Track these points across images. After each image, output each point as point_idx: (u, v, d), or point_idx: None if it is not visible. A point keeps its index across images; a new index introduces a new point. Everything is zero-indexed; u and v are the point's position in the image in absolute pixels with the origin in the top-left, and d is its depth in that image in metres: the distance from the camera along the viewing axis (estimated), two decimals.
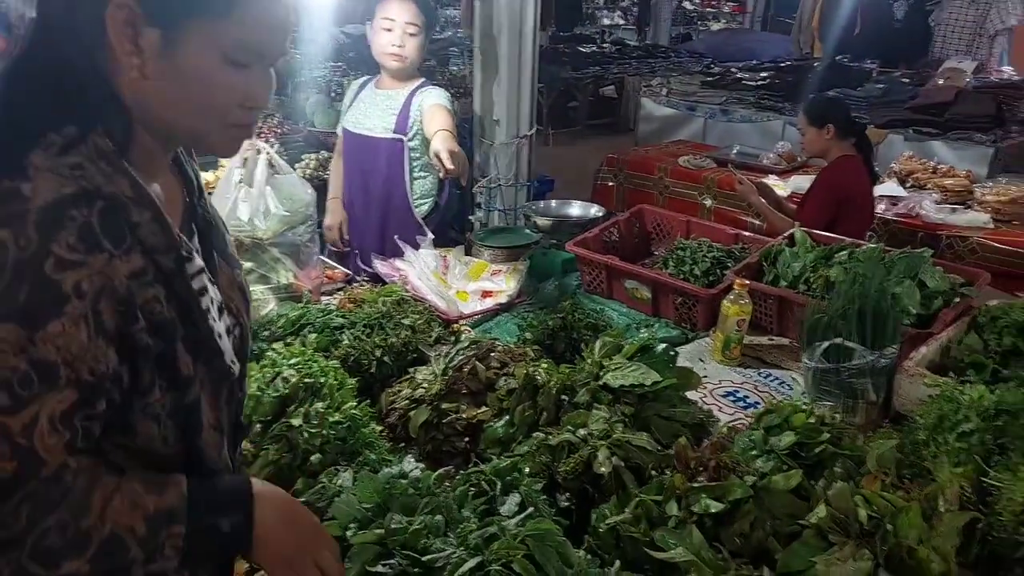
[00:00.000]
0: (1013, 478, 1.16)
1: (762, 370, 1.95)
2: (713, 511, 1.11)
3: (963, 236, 3.63)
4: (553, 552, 1.02)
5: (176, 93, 0.81)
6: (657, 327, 2.14)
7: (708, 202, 4.48)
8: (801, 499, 1.18)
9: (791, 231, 2.27)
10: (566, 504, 1.32)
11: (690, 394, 1.72)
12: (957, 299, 1.90)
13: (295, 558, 0.90)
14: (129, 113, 0.81)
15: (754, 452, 1.30)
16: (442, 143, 2.24)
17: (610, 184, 5.00)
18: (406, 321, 1.79)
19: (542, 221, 2.60)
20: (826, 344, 1.61)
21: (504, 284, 2.34)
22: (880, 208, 3.77)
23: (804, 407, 1.38)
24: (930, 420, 1.35)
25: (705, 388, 1.84)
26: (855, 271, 1.74)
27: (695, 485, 1.16)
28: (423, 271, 2.26)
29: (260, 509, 0.86)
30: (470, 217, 3.69)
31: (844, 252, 2.03)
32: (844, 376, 1.59)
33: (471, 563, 1.00)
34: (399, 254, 2.32)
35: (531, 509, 1.13)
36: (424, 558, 1.06)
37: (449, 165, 2.16)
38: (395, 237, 2.33)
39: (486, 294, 2.34)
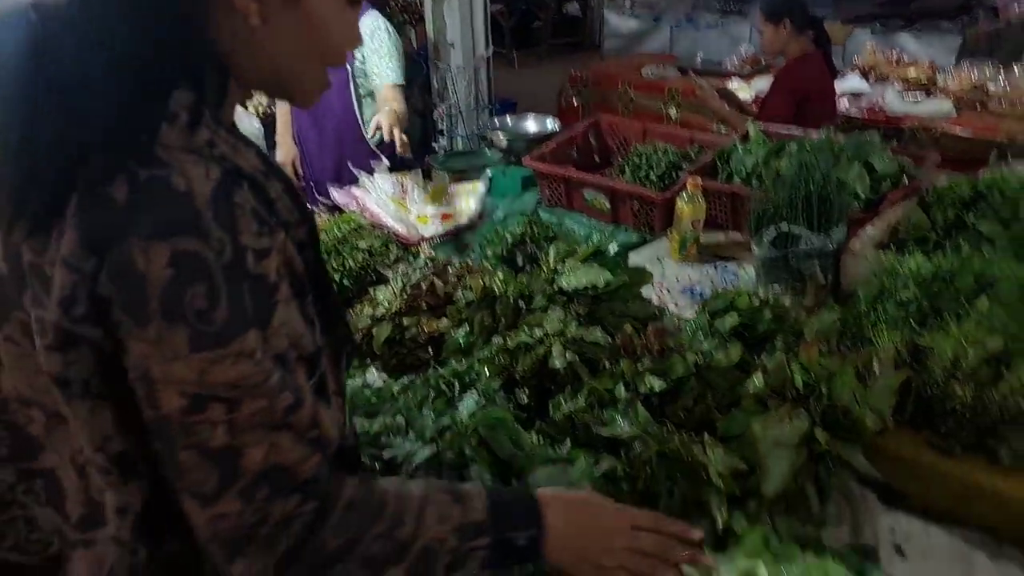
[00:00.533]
0: (944, 336, 1.22)
1: (718, 264, 1.99)
2: (657, 389, 1.16)
3: (927, 126, 3.64)
4: (505, 437, 1.07)
5: (295, 39, 0.74)
6: (616, 233, 2.17)
7: (673, 112, 4.45)
8: (743, 374, 1.23)
9: (746, 129, 2.28)
10: (526, 401, 1.37)
11: (648, 293, 1.77)
12: (906, 181, 1.93)
13: (597, 557, 0.87)
14: (228, 67, 0.73)
15: (700, 336, 1.34)
16: (384, 117, 2.29)
17: (575, 102, 4.95)
18: (362, 244, 1.80)
19: (498, 138, 2.60)
20: (773, 231, 1.64)
21: (464, 205, 2.35)
22: (843, 104, 3.77)
23: (749, 291, 1.42)
24: (871, 293, 1.40)
25: (662, 286, 1.88)
26: (802, 159, 1.76)
27: (640, 367, 1.20)
28: (381, 197, 2.26)
29: (551, 520, 0.85)
30: (434, 144, 3.66)
31: (795, 144, 2.04)
32: (792, 261, 1.63)
33: (425, 452, 1.05)
34: (356, 184, 2.32)
35: (484, 401, 1.17)
36: (384, 453, 1.11)
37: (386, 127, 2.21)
38: (349, 164, 2.32)
39: (446, 216, 2.35)
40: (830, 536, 1.29)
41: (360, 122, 2.65)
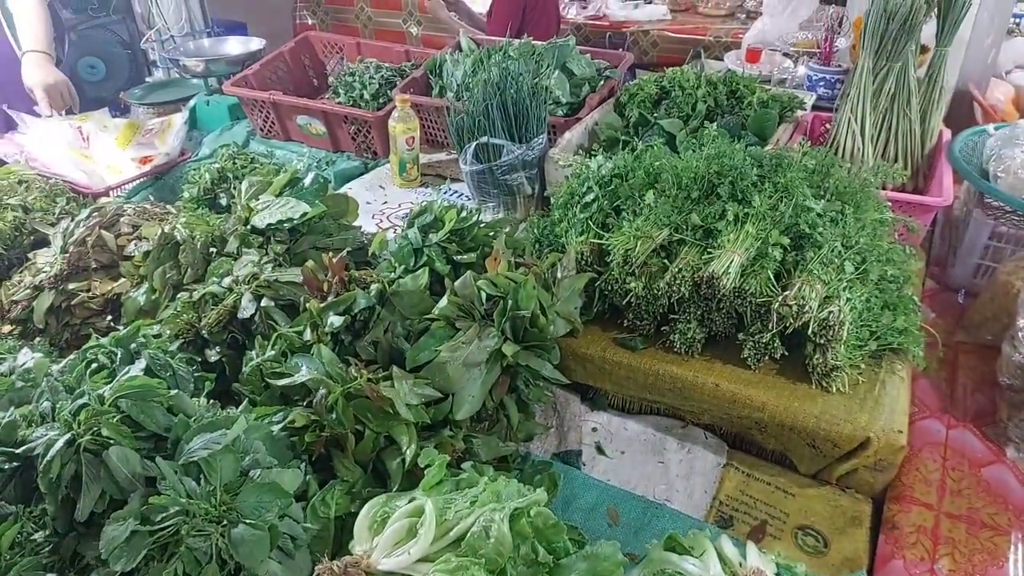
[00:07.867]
0: (619, 233, 1.25)
1: (443, 186, 1.94)
2: (337, 326, 1.09)
3: (645, 31, 3.82)
4: (158, 407, 0.94)
5: None
6: (338, 160, 2.04)
7: (414, 30, 4.29)
8: (436, 298, 1.19)
9: (457, 39, 2.21)
10: (216, 359, 1.24)
11: (370, 220, 1.69)
12: (603, 83, 1.98)
13: None
14: None
15: (406, 255, 1.27)
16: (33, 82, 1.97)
17: (310, 23, 4.61)
18: (13, 201, 1.52)
19: (192, 63, 2.31)
20: (473, 145, 1.60)
21: (159, 145, 2.08)
22: (572, 12, 3.85)
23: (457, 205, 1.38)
24: (562, 199, 1.41)
25: (384, 214, 1.80)
26: (503, 67, 1.72)
27: (323, 305, 1.12)
28: (53, 143, 1.93)
29: None
30: (148, 79, 3.23)
31: (500, 52, 2.01)
32: (498, 174, 1.61)
33: (60, 442, 0.89)
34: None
35: (140, 370, 1.03)
36: (20, 450, 0.94)
37: (47, 111, 1.89)
38: (5, 107, 1.95)
39: (145, 160, 2.07)
40: (540, 446, 1.33)
41: (18, 56, 2.22)
